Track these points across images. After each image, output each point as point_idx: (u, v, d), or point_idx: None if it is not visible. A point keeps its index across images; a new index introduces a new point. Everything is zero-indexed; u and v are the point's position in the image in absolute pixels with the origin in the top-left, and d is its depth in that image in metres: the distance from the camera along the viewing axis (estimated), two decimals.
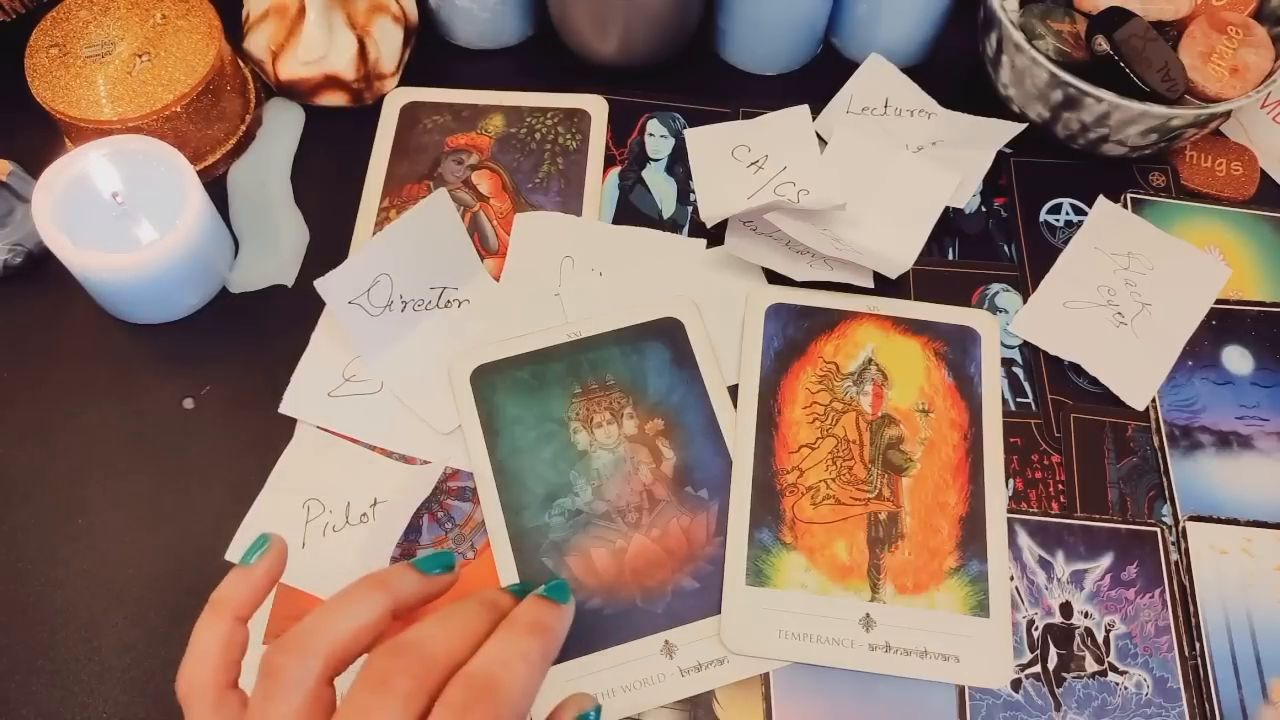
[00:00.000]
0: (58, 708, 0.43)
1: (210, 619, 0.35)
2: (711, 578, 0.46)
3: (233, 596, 0.36)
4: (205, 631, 0.35)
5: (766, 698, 0.44)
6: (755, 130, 0.58)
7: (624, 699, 0.44)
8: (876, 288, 0.53)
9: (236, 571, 0.36)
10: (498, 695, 0.31)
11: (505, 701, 0.31)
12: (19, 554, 0.46)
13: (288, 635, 0.33)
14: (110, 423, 0.49)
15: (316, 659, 0.32)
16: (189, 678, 0.34)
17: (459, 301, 0.52)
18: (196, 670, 0.34)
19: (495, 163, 0.57)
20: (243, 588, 0.36)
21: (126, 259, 0.47)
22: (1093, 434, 0.50)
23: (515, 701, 0.32)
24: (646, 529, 0.47)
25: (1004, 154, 0.58)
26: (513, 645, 0.33)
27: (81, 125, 0.51)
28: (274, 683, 0.32)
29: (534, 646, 0.34)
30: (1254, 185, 0.59)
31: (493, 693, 0.31)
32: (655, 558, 0.47)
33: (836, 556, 0.47)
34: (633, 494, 0.48)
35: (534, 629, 0.34)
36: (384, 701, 0.31)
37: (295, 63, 0.56)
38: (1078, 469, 0.50)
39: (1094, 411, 0.51)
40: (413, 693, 0.31)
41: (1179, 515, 0.48)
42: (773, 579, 0.46)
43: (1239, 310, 0.54)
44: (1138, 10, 0.54)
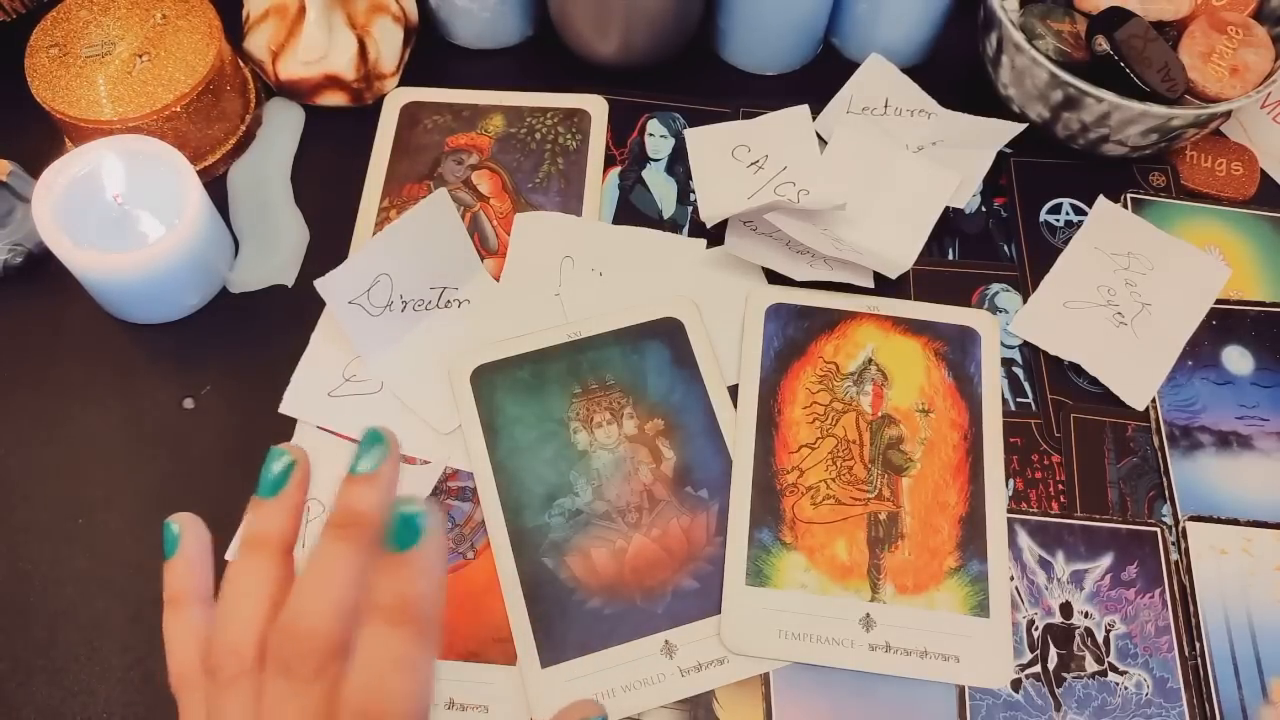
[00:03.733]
0: (58, 708, 0.43)
1: (253, 558, 0.32)
2: (711, 578, 0.46)
3: (271, 530, 0.32)
4: (251, 575, 0.31)
5: (766, 698, 0.44)
6: (755, 130, 0.58)
7: (624, 699, 0.44)
8: (876, 288, 0.53)
9: (266, 502, 0.33)
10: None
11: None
12: (19, 554, 0.46)
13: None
14: (110, 423, 0.49)
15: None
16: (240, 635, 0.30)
17: (459, 301, 0.52)
18: (249, 623, 0.31)
19: (495, 163, 0.57)
20: (279, 517, 0.33)
21: (126, 259, 0.47)
22: (1093, 434, 0.50)
23: (407, 715, 0.29)
24: (646, 529, 0.47)
25: (1004, 154, 0.58)
26: (382, 651, 0.29)
27: (81, 125, 0.51)
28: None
29: (404, 642, 0.29)
30: (1254, 185, 0.59)
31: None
32: (655, 558, 0.47)
33: (836, 556, 0.47)
34: (633, 494, 0.48)
35: (397, 615, 0.29)
36: (294, 686, 0.29)
37: (295, 63, 0.56)
38: (1078, 469, 0.50)
39: (1094, 411, 0.51)
40: (314, 673, 0.29)
41: (1179, 515, 0.48)
42: (773, 579, 0.46)
43: (1239, 310, 0.54)
44: (1138, 10, 0.54)
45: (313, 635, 0.29)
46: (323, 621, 0.29)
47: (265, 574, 0.32)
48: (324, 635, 0.29)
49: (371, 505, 0.31)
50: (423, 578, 0.30)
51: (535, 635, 0.45)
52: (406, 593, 0.29)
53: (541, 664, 0.44)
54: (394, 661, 0.29)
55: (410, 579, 0.29)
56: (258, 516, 0.33)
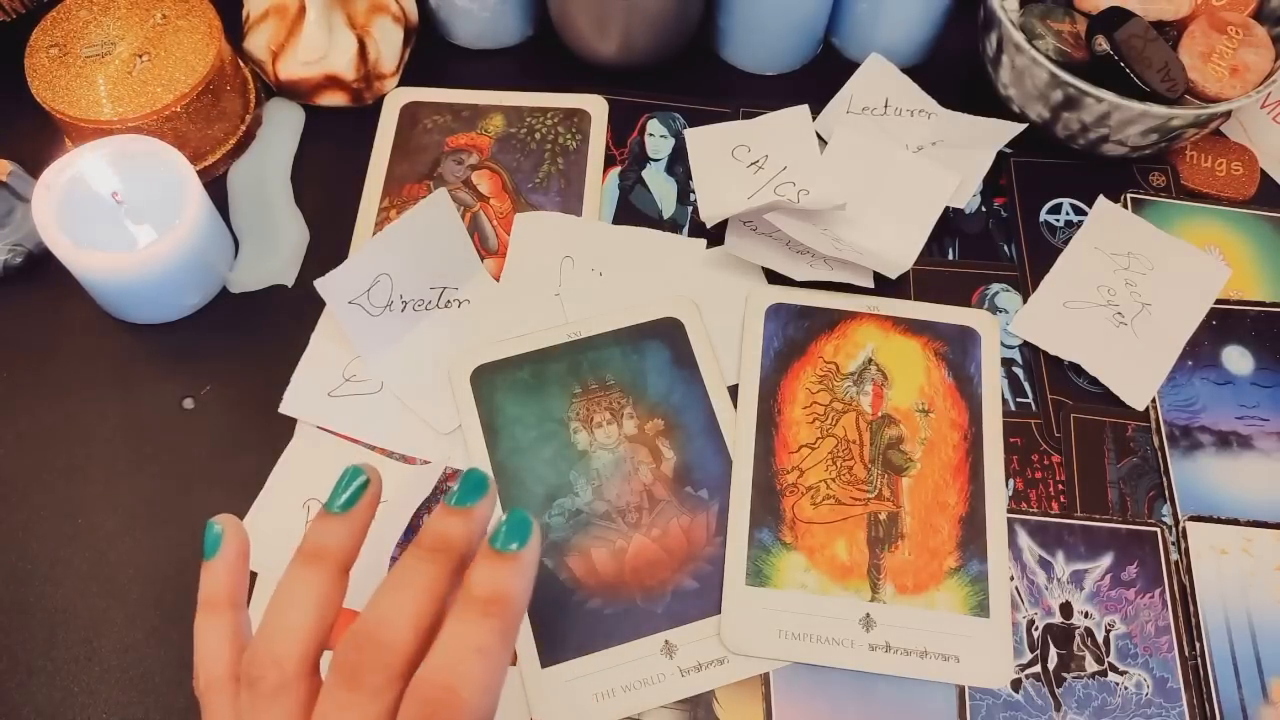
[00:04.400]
0: (58, 708, 0.43)
1: (308, 570, 0.32)
2: (711, 578, 0.46)
3: (331, 545, 0.32)
4: (304, 586, 0.31)
5: (766, 698, 0.44)
6: (755, 130, 0.58)
7: (624, 699, 0.44)
8: (876, 288, 0.53)
9: (334, 517, 0.33)
10: (453, 708, 0.29)
11: (465, 710, 0.29)
12: (19, 554, 0.46)
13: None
14: (110, 423, 0.49)
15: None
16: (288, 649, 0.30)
17: (459, 301, 0.52)
18: (296, 634, 0.31)
19: (495, 163, 0.57)
20: (342, 534, 0.33)
21: (126, 259, 0.47)
22: (1093, 434, 0.50)
23: (476, 706, 0.29)
24: (646, 529, 0.47)
25: (1004, 154, 0.58)
26: (467, 638, 0.30)
27: (81, 125, 0.51)
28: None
29: (490, 633, 0.30)
30: (1254, 185, 0.59)
31: (448, 707, 0.29)
32: (655, 558, 0.47)
33: (836, 556, 0.47)
34: (633, 494, 0.48)
35: (490, 606, 0.30)
36: (357, 699, 0.29)
37: (295, 63, 0.56)
38: (1078, 469, 0.50)
39: (1094, 411, 0.51)
40: (382, 686, 0.29)
41: (1179, 515, 0.48)
42: (773, 579, 0.46)
43: (1239, 310, 0.54)
44: (1138, 10, 0.54)
45: (391, 646, 0.29)
46: (402, 634, 0.30)
47: (319, 588, 0.32)
48: (402, 647, 0.30)
49: (463, 537, 0.32)
50: (519, 578, 0.31)
51: (535, 635, 0.45)
52: (502, 588, 0.30)
53: (541, 664, 0.44)
54: (477, 648, 0.29)
55: (508, 576, 0.31)
56: (322, 529, 0.33)
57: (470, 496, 0.32)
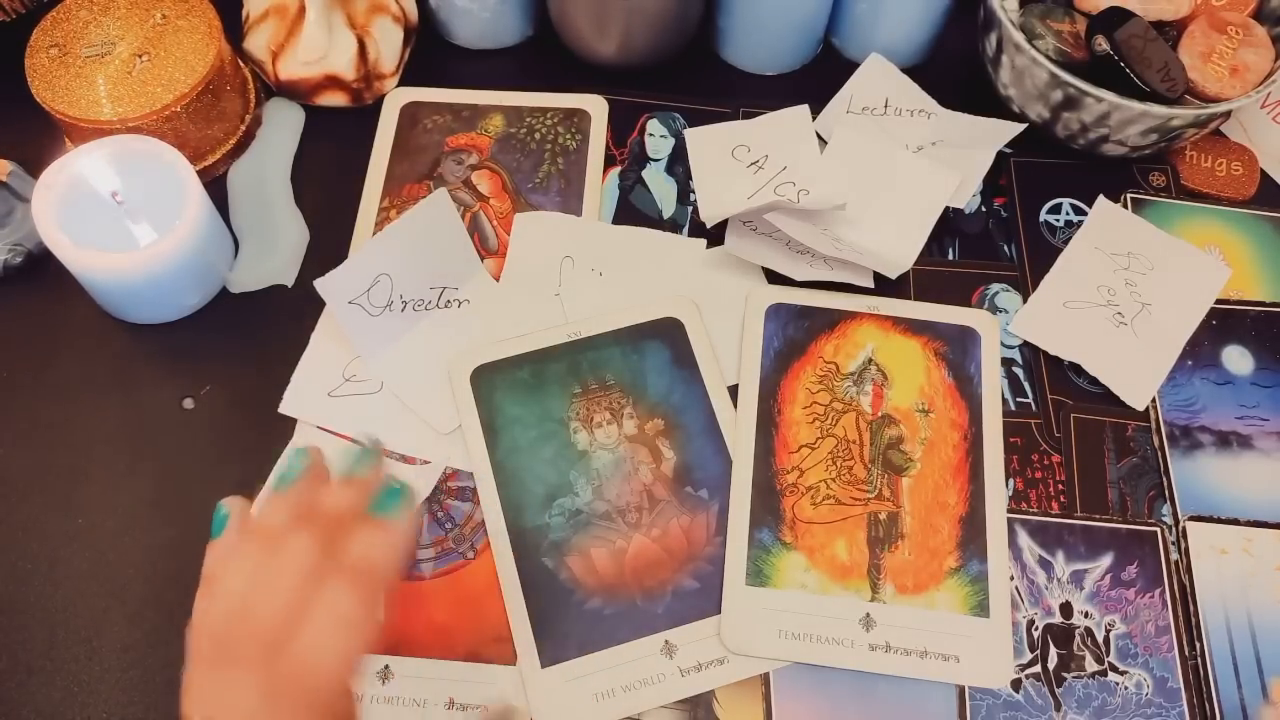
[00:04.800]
0: (58, 708, 0.43)
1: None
2: (711, 578, 0.46)
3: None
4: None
5: (766, 698, 0.44)
6: (755, 130, 0.58)
7: (624, 699, 0.44)
8: (876, 288, 0.53)
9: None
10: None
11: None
12: (19, 554, 0.46)
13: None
14: (110, 423, 0.49)
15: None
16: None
17: (459, 301, 0.52)
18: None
19: (495, 163, 0.57)
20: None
21: (126, 259, 0.47)
22: (1093, 434, 0.50)
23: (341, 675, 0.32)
24: (646, 529, 0.47)
25: (1004, 154, 0.58)
26: (335, 608, 0.33)
27: (81, 125, 0.51)
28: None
29: (358, 603, 0.33)
30: (1254, 185, 0.59)
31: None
32: (655, 558, 0.47)
33: (836, 556, 0.47)
34: (633, 494, 0.48)
35: (358, 575, 0.34)
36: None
37: (295, 63, 0.56)
38: (1078, 469, 0.50)
39: (1094, 411, 0.51)
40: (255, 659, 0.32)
41: (1179, 515, 0.48)
42: (773, 579, 0.46)
43: (1239, 310, 0.54)
44: (1138, 10, 0.54)
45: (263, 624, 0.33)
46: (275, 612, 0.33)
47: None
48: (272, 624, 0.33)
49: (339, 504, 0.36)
50: (389, 547, 0.35)
51: (535, 635, 0.45)
52: (372, 555, 0.34)
53: (541, 664, 0.44)
54: (343, 619, 0.33)
55: (379, 543, 0.35)
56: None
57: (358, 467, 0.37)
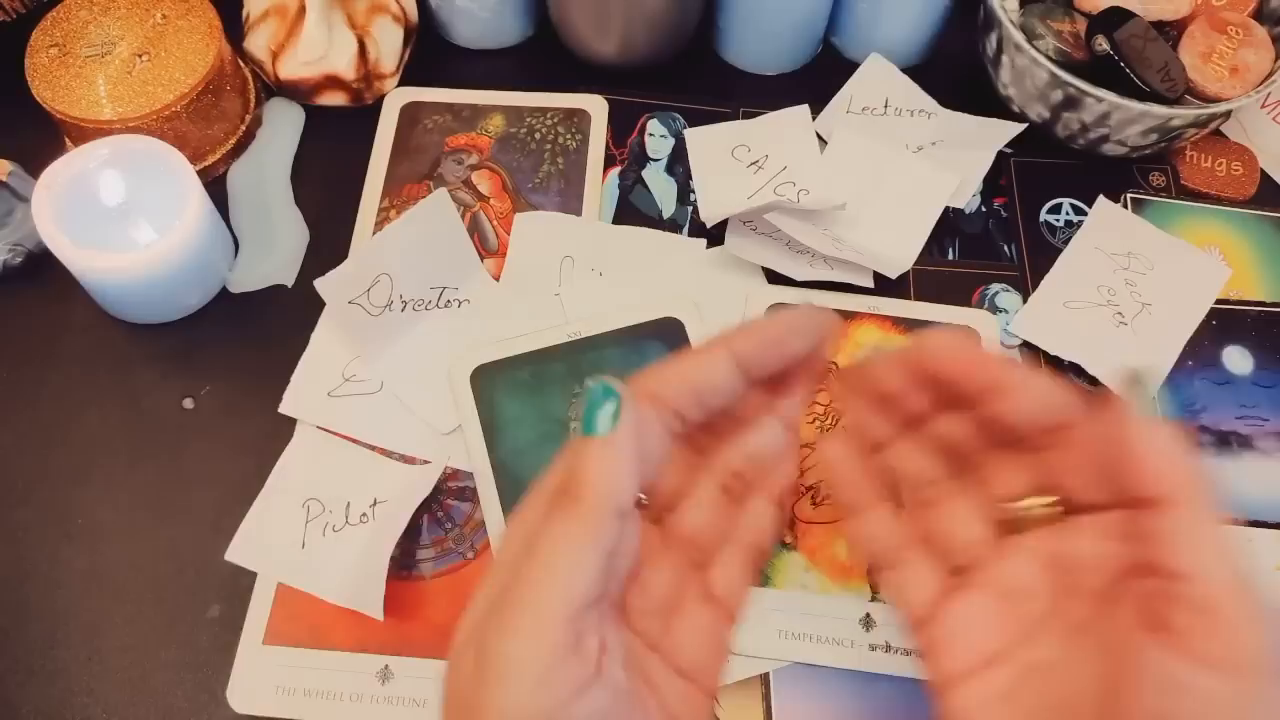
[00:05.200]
0: (58, 708, 0.43)
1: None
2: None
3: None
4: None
5: (766, 698, 0.44)
6: (755, 130, 0.58)
7: None
8: (876, 288, 0.53)
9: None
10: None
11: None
12: (19, 554, 0.46)
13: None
14: (110, 423, 0.49)
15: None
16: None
17: (459, 301, 0.52)
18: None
19: (495, 163, 0.57)
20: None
21: (126, 259, 0.47)
22: None
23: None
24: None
25: (1004, 154, 0.58)
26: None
27: (81, 125, 0.51)
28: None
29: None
30: (1254, 185, 0.59)
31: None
32: None
33: (837, 556, 0.47)
34: None
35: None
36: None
37: (295, 63, 0.56)
38: None
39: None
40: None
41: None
42: (773, 579, 0.46)
43: (1239, 310, 0.54)
44: (1138, 10, 0.54)
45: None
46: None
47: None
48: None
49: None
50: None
51: None
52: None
53: None
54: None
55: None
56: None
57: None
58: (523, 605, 0.26)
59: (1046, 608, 0.31)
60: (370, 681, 0.44)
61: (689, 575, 0.33)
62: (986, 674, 0.31)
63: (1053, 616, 0.31)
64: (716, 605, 0.33)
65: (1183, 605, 0.26)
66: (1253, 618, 0.25)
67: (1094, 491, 0.30)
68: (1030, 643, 0.31)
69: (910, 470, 0.33)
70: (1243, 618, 0.25)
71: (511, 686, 0.25)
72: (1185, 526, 0.26)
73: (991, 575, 0.32)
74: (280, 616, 0.45)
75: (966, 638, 0.32)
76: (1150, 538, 0.27)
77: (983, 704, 0.31)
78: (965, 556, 0.33)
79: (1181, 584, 0.26)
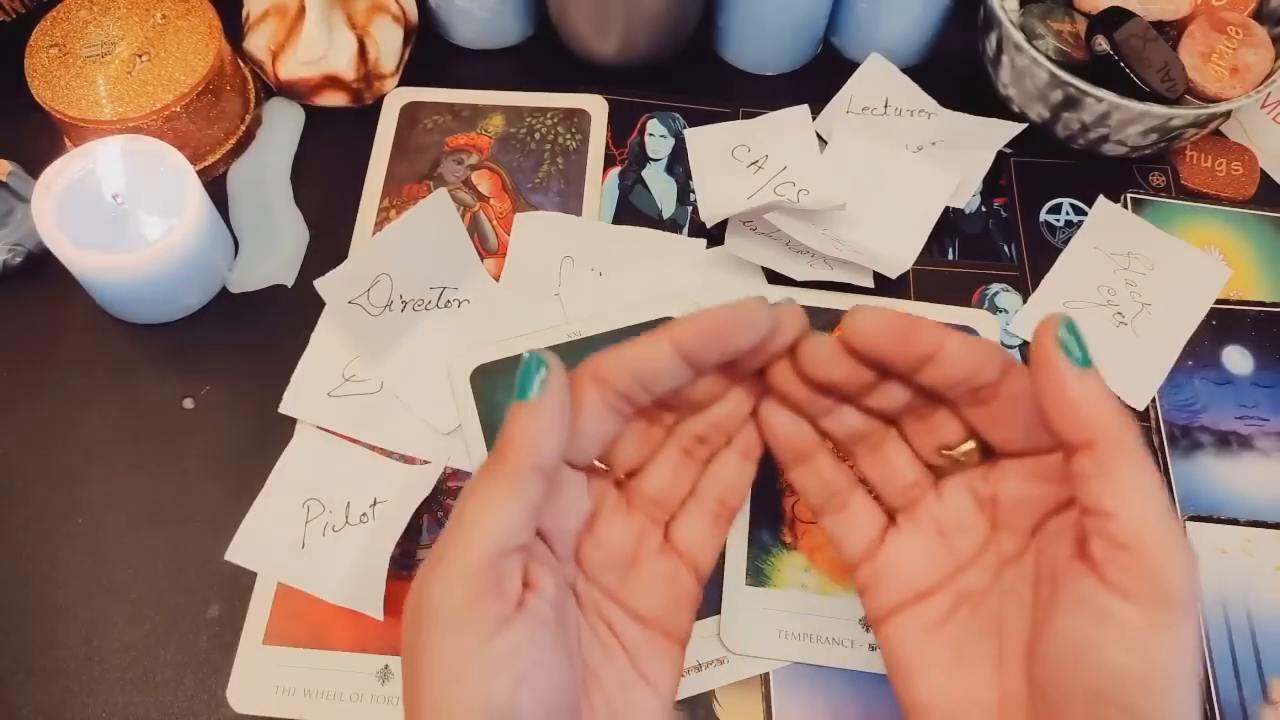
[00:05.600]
0: (58, 708, 0.43)
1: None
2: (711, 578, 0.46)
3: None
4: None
5: (766, 698, 0.44)
6: (755, 130, 0.58)
7: None
8: (876, 288, 0.53)
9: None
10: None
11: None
12: (19, 554, 0.46)
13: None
14: (110, 423, 0.49)
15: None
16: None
17: (459, 301, 0.52)
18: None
19: (495, 163, 0.57)
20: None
21: (126, 259, 0.47)
22: None
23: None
24: None
25: (1004, 154, 0.58)
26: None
27: (81, 125, 0.51)
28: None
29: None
30: (1254, 185, 0.59)
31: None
32: None
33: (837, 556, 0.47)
34: None
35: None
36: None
37: (295, 63, 0.56)
38: None
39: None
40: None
41: (1179, 515, 0.48)
42: (773, 579, 0.46)
43: (1239, 310, 0.54)
44: (1138, 10, 0.54)
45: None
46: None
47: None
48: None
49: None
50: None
51: None
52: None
53: None
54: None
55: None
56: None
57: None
58: (447, 552, 0.29)
59: (979, 542, 0.34)
60: (370, 681, 0.44)
61: (649, 531, 0.36)
62: (921, 605, 0.34)
63: (985, 550, 0.34)
64: (679, 558, 0.36)
65: (1107, 540, 0.28)
66: (1173, 555, 0.27)
67: (1021, 440, 0.32)
68: (962, 574, 0.34)
69: (848, 429, 0.35)
70: (1163, 554, 0.27)
71: (437, 624, 0.28)
72: (1112, 469, 0.28)
73: (926, 514, 0.35)
74: (280, 616, 0.45)
75: (902, 572, 0.34)
76: (1079, 479, 0.28)
77: (917, 633, 0.33)
78: (902, 499, 0.36)
79: (1107, 521, 0.28)
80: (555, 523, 0.33)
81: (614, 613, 0.35)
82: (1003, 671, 0.32)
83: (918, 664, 0.33)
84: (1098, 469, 0.28)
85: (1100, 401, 0.29)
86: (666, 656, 0.35)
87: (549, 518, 0.33)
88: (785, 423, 0.36)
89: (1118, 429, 0.28)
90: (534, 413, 0.31)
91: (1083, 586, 0.28)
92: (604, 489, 0.36)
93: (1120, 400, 0.28)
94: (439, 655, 0.28)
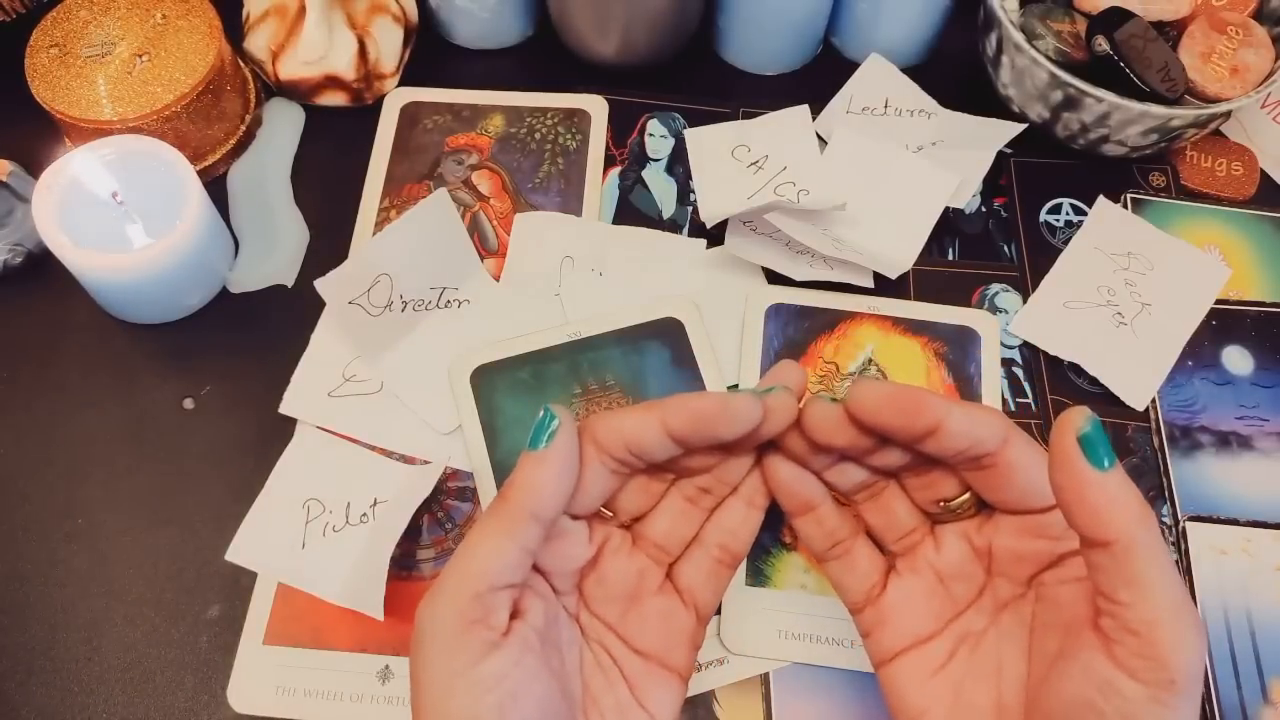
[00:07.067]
0: (58, 708, 0.43)
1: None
2: None
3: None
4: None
5: (766, 698, 0.44)
6: (755, 130, 0.58)
7: None
8: (876, 288, 0.53)
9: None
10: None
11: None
12: (19, 554, 0.46)
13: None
14: (110, 423, 0.49)
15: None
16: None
17: (459, 301, 0.52)
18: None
19: (495, 163, 0.57)
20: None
21: (126, 259, 0.47)
22: None
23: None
24: None
25: (1004, 154, 0.58)
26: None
27: (81, 125, 0.51)
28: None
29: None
30: (1254, 185, 0.59)
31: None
32: None
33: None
34: None
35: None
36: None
37: (295, 63, 0.56)
38: None
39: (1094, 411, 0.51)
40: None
41: (1179, 515, 0.48)
42: (773, 579, 0.46)
43: (1239, 310, 0.54)
44: (1138, 10, 0.54)
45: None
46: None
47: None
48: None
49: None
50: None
51: None
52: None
53: None
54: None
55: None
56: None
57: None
58: (445, 582, 0.32)
59: (976, 588, 0.35)
60: (370, 681, 0.44)
61: (650, 571, 0.37)
62: (922, 649, 0.35)
63: (982, 595, 0.35)
64: (680, 598, 0.38)
65: (1118, 622, 0.28)
66: (1182, 644, 0.28)
67: (1017, 502, 0.33)
68: (961, 618, 0.35)
69: (850, 482, 0.37)
70: (1172, 643, 0.28)
71: (432, 646, 0.31)
72: (1127, 565, 0.28)
73: (925, 561, 0.36)
74: (280, 616, 0.45)
75: (905, 617, 0.36)
76: (1094, 567, 0.29)
77: (919, 677, 0.35)
78: (901, 545, 0.37)
79: (1120, 608, 0.28)
80: (555, 564, 0.35)
81: (615, 644, 0.36)
82: (1001, 714, 0.33)
83: (920, 706, 0.34)
84: (1113, 564, 0.28)
85: (1119, 504, 0.28)
86: (666, 688, 0.36)
87: (548, 559, 0.35)
88: (791, 475, 0.37)
89: (1136, 530, 0.28)
90: (539, 463, 0.33)
91: (1091, 656, 0.29)
92: (609, 529, 0.37)
93: (1139, 495, 0.29)
94: (434, 673, 0.30)
